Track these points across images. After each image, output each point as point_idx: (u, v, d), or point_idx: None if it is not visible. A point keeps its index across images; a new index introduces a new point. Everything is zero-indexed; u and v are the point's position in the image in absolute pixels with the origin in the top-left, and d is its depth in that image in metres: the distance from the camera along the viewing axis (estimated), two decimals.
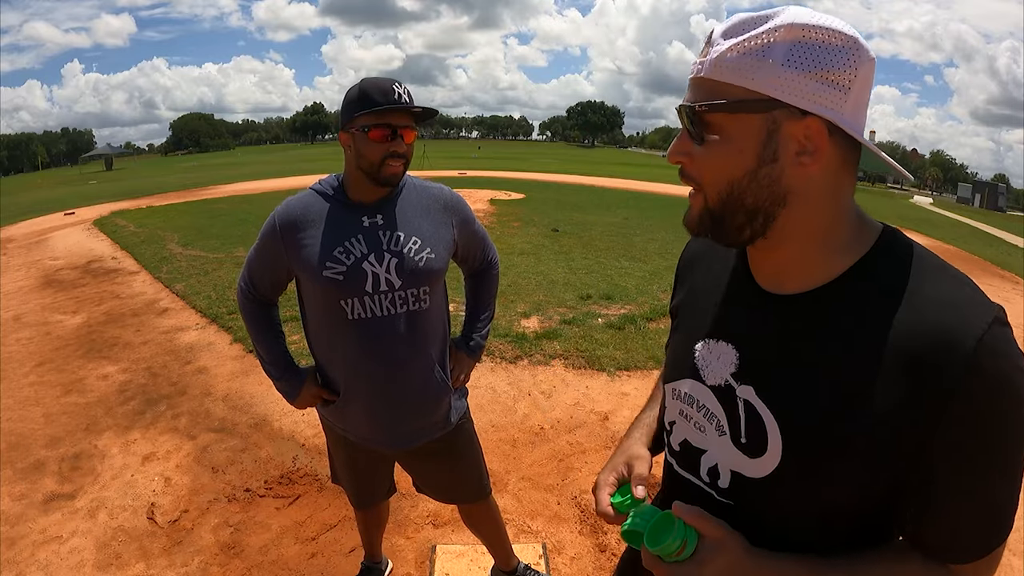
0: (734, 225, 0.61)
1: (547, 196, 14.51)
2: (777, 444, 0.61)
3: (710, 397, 0.68)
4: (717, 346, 0.69)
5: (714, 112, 0.57)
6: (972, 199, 42.64)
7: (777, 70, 0.54)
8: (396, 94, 1.25)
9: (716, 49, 0.57)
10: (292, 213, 1.35)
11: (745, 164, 0.58)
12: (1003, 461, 0.55)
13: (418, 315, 1.38)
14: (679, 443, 0.75)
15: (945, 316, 0.54)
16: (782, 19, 0.55)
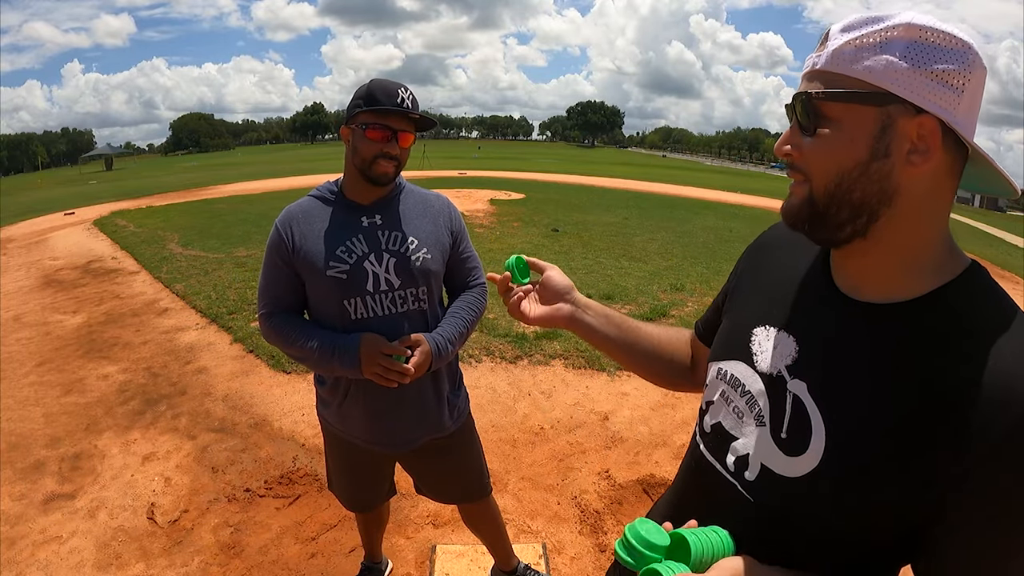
0: (837, 220, 0.60)
1: (547, 196, 14.51)
2: (820, 446, 0.60)
3: (758, 384, 0.68)
4: (778, 335, 0.68)
5: (830, 101, 0.57)
6: (972, 199, 42.65)
7: (895, 64, 0.54)
8: (400, 98, 1.28)
9: (833, 43, 0.58)
10: (293, 217, 1.38)
11: (857, 156, 0.57)
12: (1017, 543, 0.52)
13: (418, 315, 1.39)
14: (712, 425, 0.73)
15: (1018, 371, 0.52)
16: (901, 18, 0.55)
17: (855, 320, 0.62)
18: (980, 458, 0.51)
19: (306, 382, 3.55)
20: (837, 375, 0.61)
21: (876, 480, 0.56)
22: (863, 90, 0.56)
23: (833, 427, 0.59)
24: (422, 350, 1.33)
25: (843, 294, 0.64)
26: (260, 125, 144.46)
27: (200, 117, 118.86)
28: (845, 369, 0.61)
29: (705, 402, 0.76)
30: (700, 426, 0.77)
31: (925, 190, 0.58)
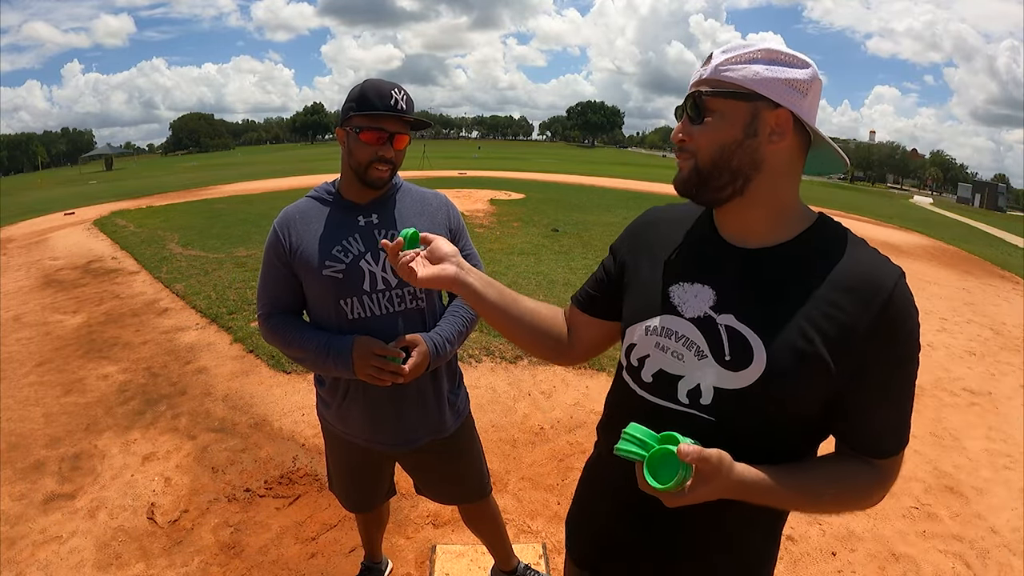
0: (719, 183, 0.80)
1: (547, 196, 14.51)
2: (762, 356, 0.77)
3: (689, 327, 0.83)
4: (693, 287, 0.85)
5: (714, 98, 0.78)
6: (972, 199, 42.64)
7: (759, 73, 0.76)
8: (393, 100, 1.27)
9: (716, 59, 0.79)
10: (290, 217, 1.39)
11: (734, 135, 0.78)
12: (908, 373, 0.78)
13: (416, 314, 1.39)
14: (652, 374, 0.86)
15: (876, 265, 0.78)
16: (763, 44, 0.79)
17: (754, 262, 0.82)
18: (869, 335, 0.74)
19: (306, 382, 3.55)
20: (753, 303, 0.80)
21: (807, 362, 0.75)
22: (739, 90, 0.77)
23: (767, 338, 0.77)
24: (420, 350, 1.33)
25: (735, 246, 0.84)
26: (260, 125, 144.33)
27: (200, 117, 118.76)
28: (757, 297, 0.80)
29: (637, 359, 0.88)
30: (637, 381, 0.88)
31: (783, 161, 0.80)
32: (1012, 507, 2.56)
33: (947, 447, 3.08)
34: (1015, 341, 5.09)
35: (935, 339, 4.95)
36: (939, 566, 2.17)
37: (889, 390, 0.78)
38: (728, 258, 0.84)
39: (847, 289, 0.76)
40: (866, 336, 0.74)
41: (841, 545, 2.26)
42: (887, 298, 0.75)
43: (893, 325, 0.75)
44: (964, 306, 6.25)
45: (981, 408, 3.60)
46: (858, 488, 0.82)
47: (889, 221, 16.32)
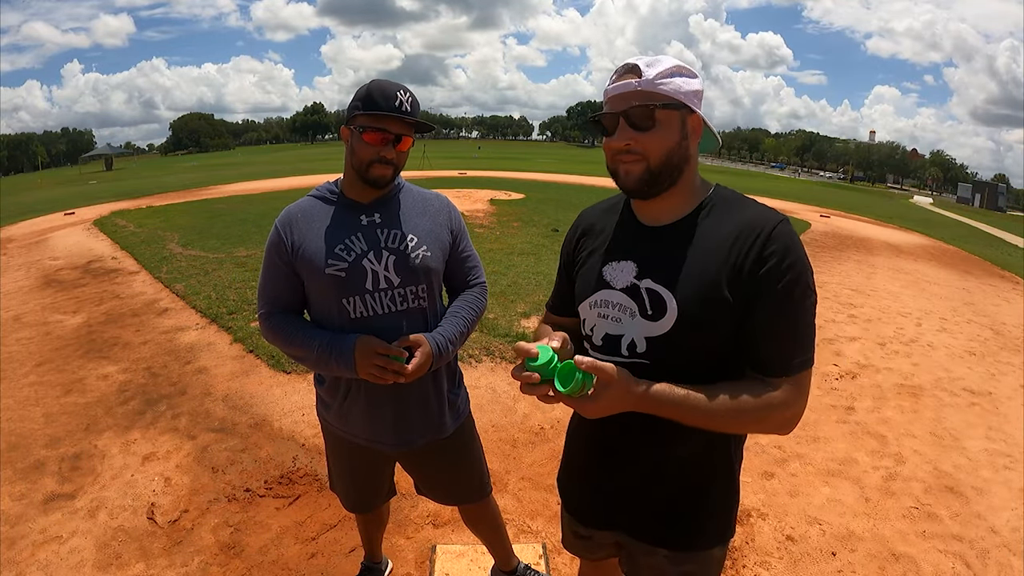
0: (665, 179, 0.98)
1: (547, 196, 14.52)
2: (673, 305, 0.96)
3: (621, 296, 1.02)
4: (619, 264, 1.05)
5: (660, 109, 0.95)
6: (972, 199, 42.64)
7: (681, 87, 0.96)
8: (398, 101, 1.28)
9: (647, 74, 0.95)
10: (292, 216, 1.39)
11: (675, 139, 0.97)
12: (796, 301, 0.92)
13: (418, 313, 1.39)
14: (601, 338, 1.05)
15: (759, 214, 0.97)
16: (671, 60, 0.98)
17: (663, 236, 1.02)
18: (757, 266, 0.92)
19: (306, 382, 3.55)
20: (664, 267, 0.99)
21: (709, 304, 0.94)
22: (673, 102, 0.95)
23: (675, 290, 0.96)
24: (423, 351, 1.33)
25: (649, 226, 1.04)
26: (260, 125, 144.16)
27: (200, 117, 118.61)
28: (667, 262, 0.99)
29: (589, 329, 1.08)
30: (592, 346, 1.07)
31: (694, 154, 1.01)
32: (1012, 507, 2.56)
33: (947, 447, 3.08)
34: (1015, 341, 5.09)
35: (935, 339, 4.95)
36: (939, 566, 2.17)
37: (779, 314, 0.92)
38: (644, 237, 1.04)
39: (736, 237, 0.94)
40: (752, 269, 0.92)
41: (841, 545, 2.26)
42: (767, 236, 0.92)
43: (774, 257, 0.91)
44: (964, 306, 6.25)
45: (981, 408, 3.60)
46: (757, 405, 0.92)
47: (889, 221, 16.32)
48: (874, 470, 2.82)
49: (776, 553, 2.21)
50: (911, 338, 4.93)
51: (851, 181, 73.65)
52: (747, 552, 2.21)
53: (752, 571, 2.11)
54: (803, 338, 0.93)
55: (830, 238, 10.60)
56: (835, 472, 2.79)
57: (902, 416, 3.42)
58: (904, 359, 4.41)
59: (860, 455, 2.95)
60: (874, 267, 8.06)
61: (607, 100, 0.99)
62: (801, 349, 0.93)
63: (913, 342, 4.83)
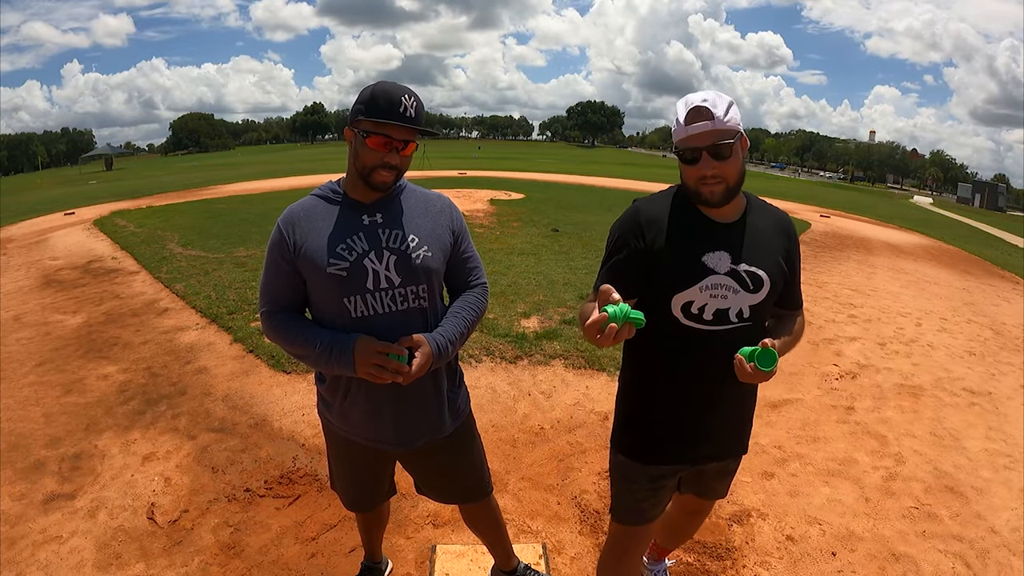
0: (737, 192, 1.33)
1: (547, 196, 14.52)
2: (768, 282, 1.35)
3: (725, 279, 1.33)
4: (715, 254, 1.33)
5: (735, 144, 1.28)
6: (972, 199, 42.66)
7: (737, 120, 1.28)
8: (402, 107, 1.28)
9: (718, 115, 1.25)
10: (294, 215, 1.39)
11: (742, 162, 1.32)
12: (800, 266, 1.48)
13: (418, 313, 1.40)
14: (712, 313, 1.33)
15: (782, 214, 1.46)
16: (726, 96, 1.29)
17: (736, 230, 1.36)
18: (792, 248, 1.44)
19: (306, 382, 3.55)
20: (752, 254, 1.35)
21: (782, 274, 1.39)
22: (737, 134, 1.27)
23: (766, 270, 1.35)
24: (423, 351, 1.33)
25: (724, 223, 1.36)
26: (260, 125, 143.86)
27: (200, 117, 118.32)
28: (753, 250, 1.35)
29: (696, 309, 1.34)
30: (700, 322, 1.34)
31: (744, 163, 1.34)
32: (1012, 507, 2.56)
33: (947, 447, 3.08)
34: (1015, 341, 5.09)
35: (935, 339, 4.95)
36: (939, 566, 2.17)
37: (797, 276, 1.47)
38: (725, 232, 1.35)
39: (777, 231, 1.41)
40: (790, 251, 1.42)
41: (841, 545, 2.26)
42: (792, 230, 1.45)
43: (795, 242, 1.45)
44: (964, 306, 6.25)
45: (981, 408, 3.60)
46: (801, 326, 1.51)
47: (889, 221, 16.31)
48: (874, 470, 2.82)
49: (776, 553, 2.21)
50: (911, 338, 4.93)
51: (851, 181, 73.62)
52: (747, 552, 2.21)
53: (752, 571, 2.11)
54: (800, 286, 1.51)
55: (830, 238, 10.60)
56: (835, 472, 2.79)
57: (902, 416, 3.42)
58: (904, 359, 4.41)
59: (860, 455, 2.95)
60: (874, 267, 8.06)
61: (689, 137, 1.26)
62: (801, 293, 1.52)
63: (913, 342, 4.83)
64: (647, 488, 1.50)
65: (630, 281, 1.35)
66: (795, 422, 3.26)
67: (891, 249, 10.10)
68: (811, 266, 7.72)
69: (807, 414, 3.37)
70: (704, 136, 1.25)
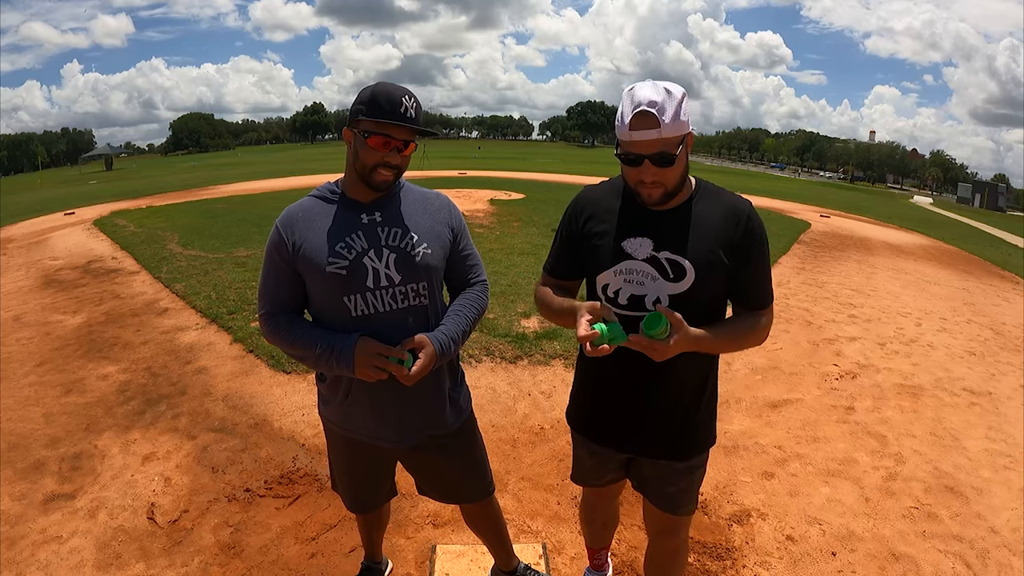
0: (676, 192, 1.31)
1: (547, 196, 14.53)
2: (691, 270, 1.30)
3: (642, 265, 1.33)
4: (637, 239, 1.34)
5: (682, 148, 1.24)
6: (972, 199, 42.66)
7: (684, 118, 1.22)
8: (403, 107, 1.28)
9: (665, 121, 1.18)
10: (293, 215, 1.39)
11: (685, 163, 1.29)
12: (766, 259, 1.37)
13: (419, 311, 1.40)
14: (627, 298, 1.34)
15: (735, 201, 1.36)
16: (677, 89, 1.22)
17: (669, 217, 1.33)
18: (743, 240, 1.32)
19: (306, 382, 3.55)
20: (678, 242, 1.31)
21: (716, 267, 1.31)
22: (683, 138, 1.24)
23: (691, 259, 1.30)
24: (427, 351, 1.33)
25: (654, 211, 1.33)
26: (260, 125, 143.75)
27: (200, 117, 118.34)
28: (680, 239, 1.31)
29: (612, 292, 1.35)
30: (616, 305, 1.35)
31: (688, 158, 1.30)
32: (1012, 507, 2.56)
33: (947, 447, 3.08)
34: (1015, 341, 5.09)
35: (935, 339, 4.95)
36: (939, 566, 2.17)
37: (758, 269, 1.35)
38: (654, 219, 1.34)
39: (725, 218, 1.32)
40: (740, 243, 1.31)
41: (841, 545, 2.26)
42: (747, 219, 1.33)
43: (752, 233, 1.33)
44: (964, 306, 6.25)
45: (981, 408, 3.60)
46: (756, 329, 1.37)
47: (889, 221, 16.32)
48: (874, 470, 2.82)
49: (776, 553, 2.21)
50: (911, 338, 4.93)
51: (851, 181, 73.65)
52: (747, 552, 2.21)
53: (752, 571, 2.11)
54: (770, 283, 1.39)
55: (830, 238, 10.60)
56: (835, 472, 2.79)
57: (902, 416, 3.42)
58: (904, 359, 4.41)
59: (860, 455, 2.95)
60: (874, 267, 8.06)
61: (632, 143, 1.22)
62: (770, 290, 1.39)
63: (913, 342, 4.83)
64: (586, 456, 1.60)
65: (573, 261, 1.45)
66: (795, 422, 3.26)
67: (891, 249, 10.10)
68: (811, 266, 7.72)
69: (807, 414, 3.37)
70: (648, 145, 1.20)
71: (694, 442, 1.46)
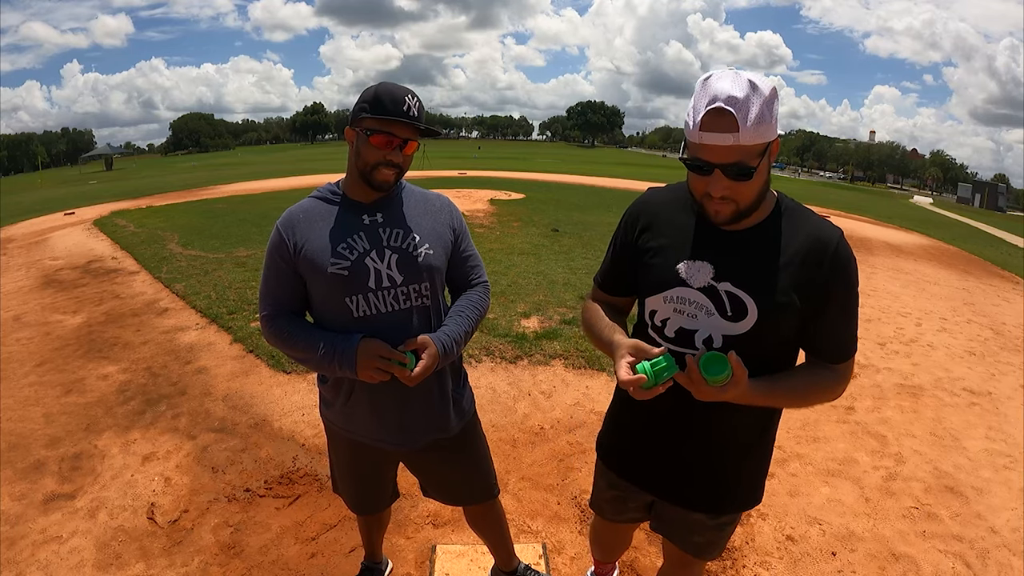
0: (751, 212, 1.07)
1: (547, 196, 14.51)
2: (754, 310, 1.07)
3: (697, 295, 1.11)
4: (695, 264, 1.12)
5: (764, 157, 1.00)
6: (972, 199, 42.66)
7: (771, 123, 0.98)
8: (406, 106, 1.28)
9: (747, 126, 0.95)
10: (294, 216, 1.39)
11: (764, 177, 1.04)
12: (852, 304, 1.10)
13: (421, 312, 1.40)
14: (674, 331, 1.14)
15: (821, 232, 1.09)
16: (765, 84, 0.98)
17: (737, 240, 1.10)
18: (825, 279, 1.06)
19: (306, 382, 3.55)
20: (744, 273, 1.08)
21: (786, 310, 1.07)
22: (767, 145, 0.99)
23: (756, 296, 1.07)
24: (429, 352, 1.33)
25: (723, 229, 1.10)
26: (260, 125, 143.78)
27: (200, 117, 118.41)
28: (745, 267, 1.09)
29: (660, 321, 1.16)
30: (662, 336, 1.16)
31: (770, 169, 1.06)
32: (1012, 507, 2.56)
33: (947, 447, 3.08)
34: (1015, 341, 5.09)
35: (935, 339, 4.95)
36: (939, 566, 2.17)
37: (841, 316, 1.10)
38: (720, 240, 1.11)
39: (808, 251, 1.07)
40: (822, 283, 1.06)
41: (841, 545, 2.26)
42: (834, 254, 1.06)
43: (839, 272, 1.07)
44: (964, 306, 6.25)
45: (981, 408, 3.60)
46: (826, 386, 1.14)
47: (889, 221, 16.31)
48: (874, 470, 2.82)
49: (776, 553, 2.21)
50: (911, 338, 4.93)
51: (851, 181, 73.67)
52: (747, 552, 2.21)
53: (752, 571, 2.11)
54: (855, 333, 1.14)
55: None
56: (835, 472, 2.79)
57: (902, 416, 3.42)
58: (904, 359, 4.40)
59: (860, 455, 2.95)
60: (874, 267, 8.05)
61: (702, 147, 0.99)
62: (854, 342, 1.14)
63: (913, 342, 4.83)
64: (606, 488, 1.45)
65: (624, 276, 1.25)
66: (795, 422, 3.26)
67: (891, 249, 10.09)
68: None
69: (807, 414, 3.37)
70: (721, 152, 0.97)
71: (736, 499, 1.26)
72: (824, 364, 1.14)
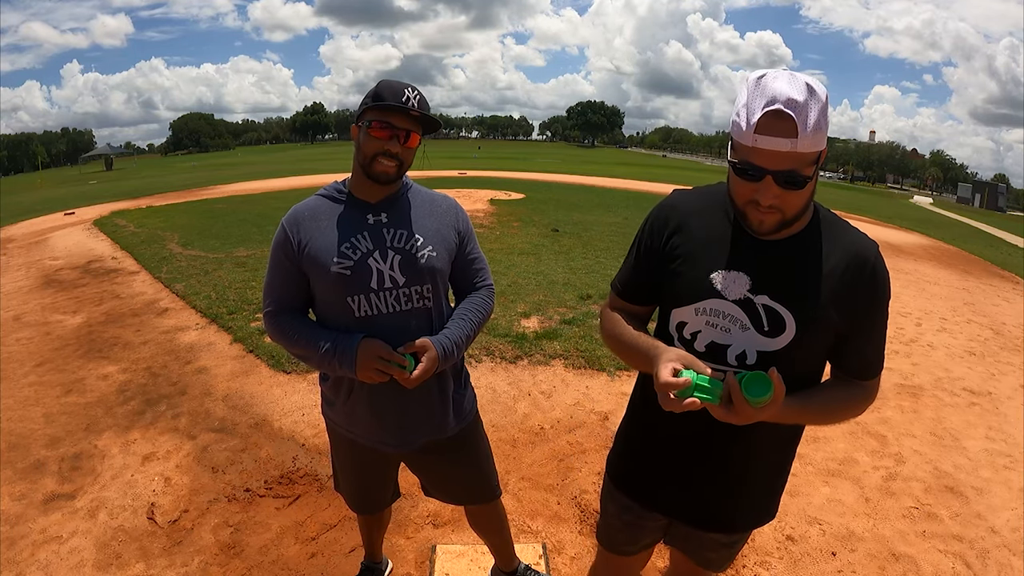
0: (795, 221, 1.01)
1: (547, 196, 14.51)
2: (792, 325, 1.02)
3: (733, 308, 1.04)
4: (731, 274, 1.05)
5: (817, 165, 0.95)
6: (972, 199, 42.63)
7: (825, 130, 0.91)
8: (405, 97, 1.29)
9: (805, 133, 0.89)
10: (299, 214, 1.39)
11: (812, 187, 0.98)
12: (884, 320, 1.07)
13: (423, 313, 1.39)
14: (705, 345, 1.07)
15: (860, 247, 1.04)
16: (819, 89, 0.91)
17: (774, 250, 1.04)
18: (863, 295, 1.03)
19: (306, 382, 3.55)
20: (783, 286, 1.03)
21: (824, 325, 1.02)
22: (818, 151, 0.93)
23: (795, 311, 1.02)
24: (429, 355, 1.32)
25: (760, 239, 1.04)
26: (260, 125, 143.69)
27: (200, 117, 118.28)
28: (786, 282, 1.03)
29: (690, 333, 1.09)
30: (691, 350, 1.07)
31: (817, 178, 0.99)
32: (1012, 507, 2.56)
33: (947, 447, 3.08)
34: (1015, 341, 5.09)
35: (935, 339, 4.95)
36: (939, 566, 2.17)
37: (873, 332, 1.07)
38: (757, 250, 1.05)
39: (845, 266, 1.02)
40: (860, 298, 1.02)
41: (841, 545, 2.26)
42: (872, 270, 1.03)
43: (876, 288, 1.04)
44: (964, 306, 6.25)
45: (981, 408, 3.60)
46: (855, 403, 1.10)
47: (889, 221, 16.32)
48: (874, 470, 2.82)
49: (776, 553, 2.21)
50: (911, 338, 4.93)
51: (851, 181, 73.66)
52: (747, 552, 2.21)
53: (752, 571, 2.11)
54: (883, 350, 1.11)
55: None
56: (835, 472, 2.79)
57: (902, 416, 3.42)
58: (904, 359, 4.40)
59: (860, 455, 2.95)
60: None
61: (755, 151, 0.92)
62: (882, 358, 1.11)
63: (913, 342, 4.83)
64: (617, 515, 1.34)
65: (648, 284, 1.17)
66: None
67: (891, 249, 10.09)
68: None
69: None
70: (777, 158, 0.91)
71: (753, 517, 1.23)
72: (852, 380, 1.10)
